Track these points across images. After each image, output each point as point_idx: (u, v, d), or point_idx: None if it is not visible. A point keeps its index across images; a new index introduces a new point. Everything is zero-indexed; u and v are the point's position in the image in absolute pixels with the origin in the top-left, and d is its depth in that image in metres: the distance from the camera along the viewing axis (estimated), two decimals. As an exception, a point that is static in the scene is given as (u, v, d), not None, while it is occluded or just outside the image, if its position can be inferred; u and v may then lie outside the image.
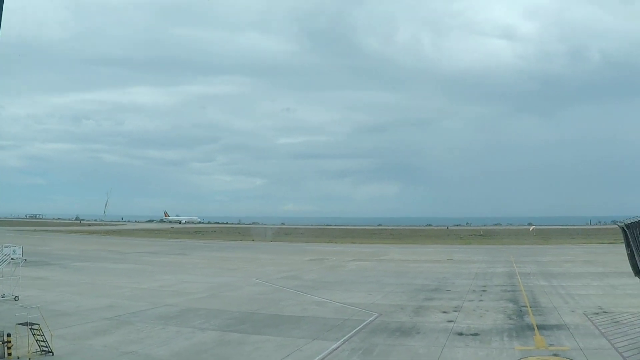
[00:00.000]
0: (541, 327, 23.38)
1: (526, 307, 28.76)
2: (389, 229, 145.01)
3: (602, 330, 22.31)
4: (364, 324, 24.63)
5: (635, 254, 20.43)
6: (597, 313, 26.22)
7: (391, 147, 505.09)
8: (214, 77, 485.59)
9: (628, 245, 21.25)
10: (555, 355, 18.86)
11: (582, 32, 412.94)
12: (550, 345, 20.28)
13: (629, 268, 22.28)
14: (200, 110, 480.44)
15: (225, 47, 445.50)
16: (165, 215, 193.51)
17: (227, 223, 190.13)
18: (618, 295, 31.61)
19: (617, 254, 41.93)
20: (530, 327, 23.52)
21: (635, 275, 20.78)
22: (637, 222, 20.71)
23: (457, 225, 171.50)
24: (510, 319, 25.66)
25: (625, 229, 20.88)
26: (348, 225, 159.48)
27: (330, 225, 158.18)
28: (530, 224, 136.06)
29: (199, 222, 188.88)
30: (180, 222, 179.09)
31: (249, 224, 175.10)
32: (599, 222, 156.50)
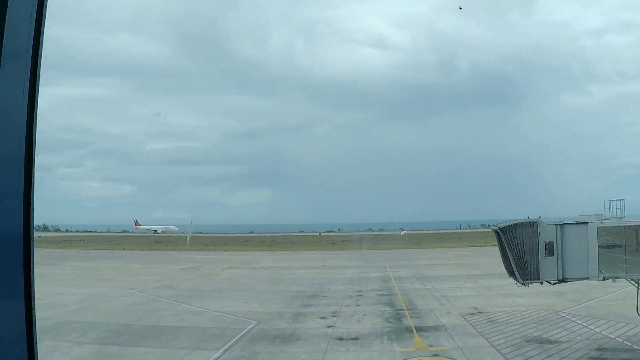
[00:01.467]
0: (419, 329, 24.72)
1: (403, 310, 30.22)
2: (261, 236, 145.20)
3: (479, 330, 24.07)
4: (244, 332, 24.73)
5: (509, 256, 22.20)
6: (472, 313, 28.19)
7: (263, 153, 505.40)
8: (84, 79, 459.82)
9: (501, 248, 23.06)
10: (435, 355, 20.09)
11: (453, 43, 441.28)
12: (430, 345, 21.56)
13: (500, 269, 24.20)
14: (68, 114, 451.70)
15: (96, 48, 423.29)
16: (136, 225, 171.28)
17: (96, 231, 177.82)
18: (491, 295, 34.10)
19: (488, 256, 45.02)
20: (409, 330, 24.81)
21: (510, 276, 22.56)
22: (509, 225, 22.53)
23: (329, 232, 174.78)
24: (389, 322, 26.88)
25: (499, 232, 22.63)
26: (220, 233, 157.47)
27: (202, 232, 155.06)
28: (401, 229, 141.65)
29: (178, 232, 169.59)
30: (155, 232, 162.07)
31: (120, 232, 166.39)
32: (469, 226, 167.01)
